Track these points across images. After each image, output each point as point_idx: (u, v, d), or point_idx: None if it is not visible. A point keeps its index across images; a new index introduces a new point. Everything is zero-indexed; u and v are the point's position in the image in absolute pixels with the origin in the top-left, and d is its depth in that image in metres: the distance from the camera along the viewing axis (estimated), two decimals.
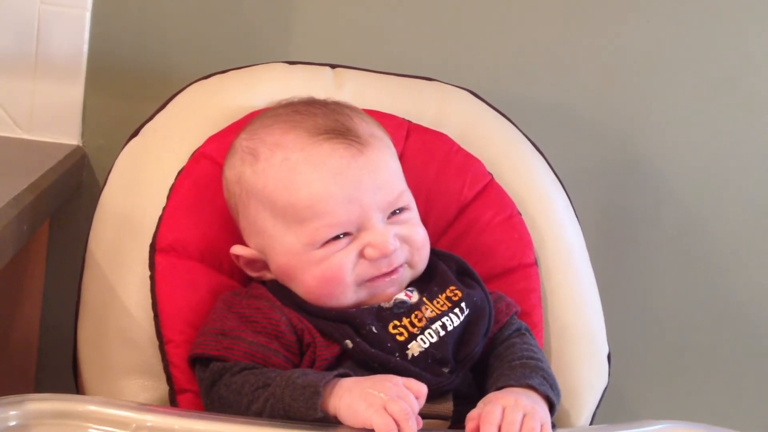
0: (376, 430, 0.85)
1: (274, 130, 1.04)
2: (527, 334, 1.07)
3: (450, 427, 0.97)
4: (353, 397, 0.87)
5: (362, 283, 1.00)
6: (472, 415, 0.91)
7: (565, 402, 1.14)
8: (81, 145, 1.38)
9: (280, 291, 1.02)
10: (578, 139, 1.46)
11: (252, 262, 1.06)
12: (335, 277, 0.99)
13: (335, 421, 0.88)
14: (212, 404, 0.96)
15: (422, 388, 0.89)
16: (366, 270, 1.00)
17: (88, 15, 1.35)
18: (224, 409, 0.93)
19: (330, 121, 1.03)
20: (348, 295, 1.00)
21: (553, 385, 0.98)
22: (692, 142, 1.48)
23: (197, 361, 0.99)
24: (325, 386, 0.88)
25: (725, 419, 1.34)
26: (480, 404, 0.92)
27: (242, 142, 1.06)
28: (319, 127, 1.02)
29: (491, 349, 1.03)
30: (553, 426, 0.93)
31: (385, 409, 0.85)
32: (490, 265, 1.14)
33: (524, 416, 0.89)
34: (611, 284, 1.40)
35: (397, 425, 0.85)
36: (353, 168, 1.00)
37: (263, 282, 1.06)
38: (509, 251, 1.16)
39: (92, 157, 1.39)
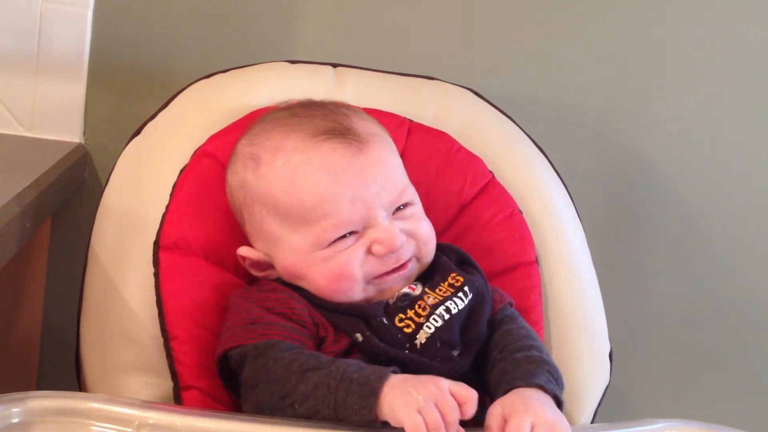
0: (406, 429, 0.83)
1: (274, 135, 1.04)
2: (519, 317, 1.07)
3: None
4: (395, 395, 0.85)
5: (370, 280, 1.01)
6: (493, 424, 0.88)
7: (566, 400, 1.14)
8: (83, 142, 1.38)
9: (291, 286, 1.03)
10: (580, 138, 1.46)
11: (258, 264, 1.06)
12: (343, 273, 1.00)
13: (380, 424, 0.86)
14: (255, 377, 0.93)
15: (471, 394, 0.86)
16: (375, 267, 1.00)
17: (90, 13, 1.35)
18: (267, 384, 0.92)
19: (328, 122, 1.03)
20: (357, 291, 1.01)
21: (558, 380, 0.97)
22: (694, 141, 1.48)
23: (230, 352, 0.98)
24: (382, 386, 0.86)
25: (726, 418, 1.34)
26: (497, 409, 0.89)
27: (243, 147, 1.07)
28: (317, 128, 1.03)
29: (488, 335, 1.03)
30: None
31: (420, 413, 0.83)
32: (491, 263, 1.14)
33: None
34: (613, 283, 1.40)
35: None
36: (354, 166, 1.00)
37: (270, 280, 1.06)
38: (510, 250, 1.16)
39: (94, 155, 1.39)
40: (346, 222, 1.00)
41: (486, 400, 1.03)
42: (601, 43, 1.44)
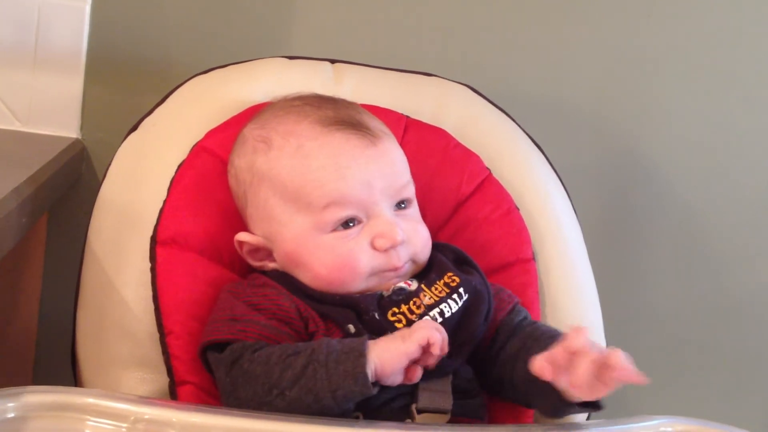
0: (408, 349, 0.90)
1: (287, 120, 1.05)
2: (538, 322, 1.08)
3: (449, 422, 0.97)
4: (380, 348, 0.91)
5: (374, 273, 1.01)
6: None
7: None
8: (80, 138, 1.38)
9: (283, 279, 1.03)
10: (577, 134, 1.46)
11: (255, 250, 1.06)
12: (348, 265, 1.00)
13: (373, 387, 0.90)
14: (233, 383, 0.94)
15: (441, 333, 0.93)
16: (380, 262, 1.01)
17: (87, 7, 1.35)
18: (249, 383, 0.92)
19: (341, 114, 1.05)
20: (358, 283, 1.01)
21: None
22: (692, 137, 1.48)
23: (209, 349, 0.99)
24: (366, 348, 0.90)
25: (723, 415, 1.34)
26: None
27: (253, 131, 1.07)
28: (330, 118, 1.04)
29: (508, 335, 1.04)
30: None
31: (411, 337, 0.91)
32: (488, 260, 1.14)
33: None
34: (610, 280, 1.40)
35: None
36: (366, 156, 1.02)
37: (263, 272, 1.06)
38: (507, 246, 1.16)
39: (91, 150, 1.39)
40: (350, 204, 1.00)
41: (484, 401, 1.03)
42: (600, 40, 1.44)
